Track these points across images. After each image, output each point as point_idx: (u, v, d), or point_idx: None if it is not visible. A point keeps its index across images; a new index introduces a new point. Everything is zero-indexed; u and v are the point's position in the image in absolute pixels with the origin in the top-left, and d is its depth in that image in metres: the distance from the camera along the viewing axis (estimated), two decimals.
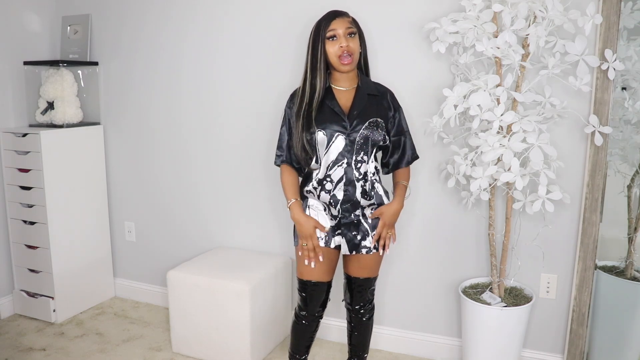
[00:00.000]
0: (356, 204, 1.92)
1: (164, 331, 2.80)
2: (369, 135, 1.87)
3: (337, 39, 1.83)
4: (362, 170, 1.90)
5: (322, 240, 1.93)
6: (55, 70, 2.89)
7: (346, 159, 1.88)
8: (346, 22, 1.85)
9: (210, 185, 2.86)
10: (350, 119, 1.87)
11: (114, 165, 3.12)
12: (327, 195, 1.92)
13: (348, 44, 1.82)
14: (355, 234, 1.94)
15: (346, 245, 1.95)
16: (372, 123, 1.88)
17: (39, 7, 3.01)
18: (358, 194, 1.91)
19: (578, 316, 2.22)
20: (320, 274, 1.97)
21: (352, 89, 1.93)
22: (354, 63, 1.86)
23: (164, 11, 2.80)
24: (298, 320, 2.08)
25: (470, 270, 2.40)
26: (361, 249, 1.95)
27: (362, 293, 2.04)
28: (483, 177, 1.95)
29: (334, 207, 1.92)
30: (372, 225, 1.95)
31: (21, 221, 2.88)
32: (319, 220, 1.92)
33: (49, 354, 2.57)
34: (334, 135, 1.87)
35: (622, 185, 2.29)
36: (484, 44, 1.88)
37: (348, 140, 1.87)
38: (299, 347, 2.13)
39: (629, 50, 2.17)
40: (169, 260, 3.03)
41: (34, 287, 2.93)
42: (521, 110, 2.00)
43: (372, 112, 1.90)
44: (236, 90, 2.69)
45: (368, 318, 2.10)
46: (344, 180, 1.90)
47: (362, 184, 1.91)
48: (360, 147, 1.88)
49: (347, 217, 1.93)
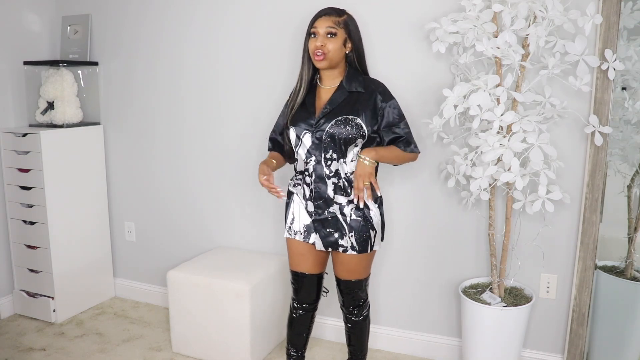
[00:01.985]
0: (329, 201, 1.93)
1: (164, 331, 2.80)
2: (336, 132, 1.87)
3: (317, 36, 1.88)
4: (332, 167, 1.90)
5: (300, 235, 1.99)
6: (55, 70, 2.89)
7: (314, 156, 1.91)
8: (330, 21, 1.87)
9: (210, 185, 2.86)
10: (319, 117, 1.90)
11: (114, 165, 3.12)
12: (308, 188, 1.96)
13: (323, 43, 1.86)
14: (331, 231, 1.94)
15: (320, 241, 1.96)
16: (341, 121, 1.87)
17: (39, 7, 3.01)
18: (330, 190, 1.92)
19: (578, 316, 2.22)
20: (308, 266, 2.03)
21: (334, 87, 1.95)
22: (328, 62, 1.88)
23: (164, 11, 2.80)
24: (293, 311, 2.12)
25: (470, 270, 2.40)
26: (338, 247, 1.95)
27: (351, 295, 2.04)
28: (483, 177, 1.95)
29: (310, 201, 1.96)
30: (350, 225, 1.93)
31: (21, 221, 2.88)
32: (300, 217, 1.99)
33: (49, 354, 2.57)
34: (302, 133, 1.92)
35: (622, 185, 2.29)
36: (484, 44, 1.88)
37: (315, 137, 1.90)
38: (294, 340, 2.16)
39: (629, 50, 2.17)
40: (168, 260, 3.03)
41: (34, 287, 2.93)
42: (521, 110, 2.00)
43: (346, 109, 1.89)
44: (236, 90, 2.69)
45: (363, 319, 2.10)
46: (314, 177, 1.93)
47: (334, 181, 1.91)
48: (328, 145, 1.89)
49: (319, 214, 1.94)
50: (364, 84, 1.93)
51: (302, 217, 1.99)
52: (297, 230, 2.00)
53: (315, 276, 2.05)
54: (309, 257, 2.01)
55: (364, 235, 1.93)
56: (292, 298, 2.12)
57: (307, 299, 2.08)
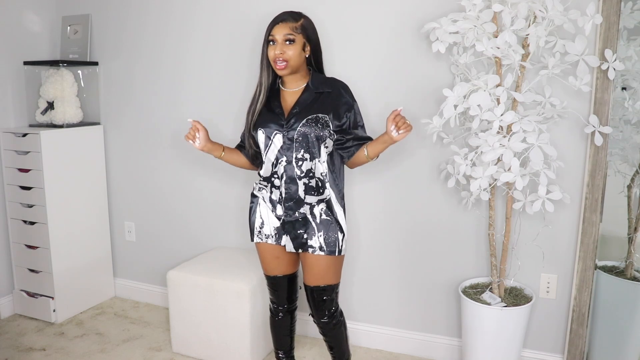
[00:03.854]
0: (300, 202, 1.92)
1: (164, 331, 2.80)
2: (308, 132, 1.87)
3: (275, 44, 1.87)
4: (304, 167, 1.90)
5: (272, 238, 1.99)
6: (55, 70, 2.90)
7: (285, 157, 1.90)
8: (287, 28, 1.86)
9: (210, 185, 2.86)
10: (289, 117, 1.89)
11: (114, 165, 3.13)
12: (277, 192, 1.95)
13: (283, 50, 1.85)
14: (302, 232, 1.94)
15: (291, 243, 1.96)
16: (311, 120, 1.87)
17: (39, 7, 3.01)
18: (301, 191, 1.91)
19: (578, 316, 2.22)
20: (283, 268, 2.04)
21: (299, 89, 1.95)
22: (290, 68, 1.88)
23: (164, 11, 2.80)
24: (275, 315, 2.14)
25: (470, 270, 2.40)
26: (307, 248, 1.94)
27: (320, 303, 2.00)
28: (483, 177, 1.95)
29: (280, 204, 1.94)
30: (319, 224, 1.93)
31: (21, 221, 2.88)
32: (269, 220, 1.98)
33: (49, 354, 2.57)
34: (272, 133, 1.91)
35: (622, 185, 2.29)
36: (484, 44, 1.88)
37: (286, 138, 1.89)
38: (281, 342, 2.18)
39: (629, 50, 2.17)
40: (169, 260, 3.03)
41: (34, 287, 2.93)
42: (521, 110, 2.00)
43: (315, 109, 1.90)
44: (237, 90, 2.69)
45: (335, 325, 2.05)
46: (285, 178, 1.92)
47: (305, 182, 1.91)
48: (300, 145, 1.89)
49: (290, 215, 1.94)
50: (330, 83, 1.95)
51: (271, 221, 1.98)
52: (268, 234, 1.99)
53: (292, 275, 2.07)
54: (283, 259, 2.02)
55: (332, 236, 1.93)
56: (272, 302, 2.13)
57: (287, 299, 2.10)
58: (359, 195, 2.53)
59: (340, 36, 2.42)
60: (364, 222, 2.54)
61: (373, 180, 2.49)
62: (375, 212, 2.52)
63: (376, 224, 2.53)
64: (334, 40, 2.42)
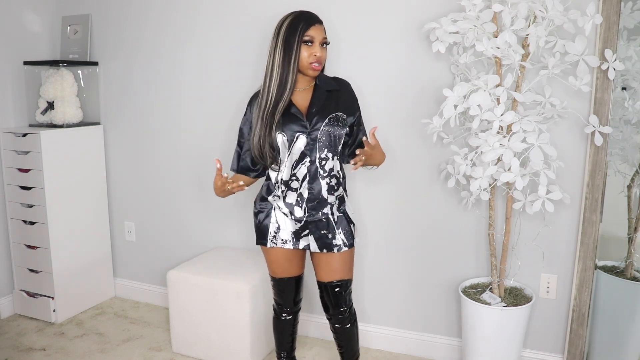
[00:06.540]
0: (323, 202, 1.92)
1: (164, 331, 2.80)
2: (331, 131, 1.87)
3: (313, 45, 1.83)
4: (327, 167, 1.90)
5: (290, 242, 1.96)
6: (55, 70, 2.90)
7: (309, 157, 1.88)
8: (323, 31, 1.86)
9: (210, 185, 2.86)
10: (310, 117, 1.87)
11: (114, 165, 3.13)
12: (294, 194, 1.92)
13: (321, 52, 1.85)
14: (326, 232, 1.94)
15: (315, 243, 1.95)
16: (333, 118, 1.88)
17: (39, 7, 3.01)
18: (324, 191, 1.91)
19: (578, 316, 2.22)
20: (293, 270, 2.03)
21: (309, 87, 1.94)
22: (320, 71, 1.89)
23: (164, 11, 2.80)
24: (279, 316, 2.13)
25: (470, 270, 2.40)
26: (333, 247, 1.94)
27: (338, 298, 1.99)
28: (483, 177, 1.95)
29: (300, 206, 1.92)
30: (337, 222, 1.94)
31: (21, 221, 2.88)
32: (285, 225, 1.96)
33: (49, 354, 2.57)
34: (295, 135, 1.86)
35: (622, 185, 2.29)
36: (484, 44, 1.88)
37: (309, 138, 1.87)
38: (284, 343, 2.17)
39: (629, 50, 2.17)
40: (169, 260, 3.03)
41: (34, 287, 2.93)
42: (521, 110, 2.00)
43: (332, 107, 1.90)
44: (237, 90, 2.69)
45: (350, 325, 2.06)
46: (307, 179, 1.90)
47: (328, 181, 1.91)
48: (324, 144, 1.88)
49: (313, 216, 1.93)
50: (336, 82, 1.96)
51: (288, 225, 1.96)
52: (285, 239, 1.97)
53: (299, 277, 2.08)
54: (295, 261, 2.02)
55: (349, 229, 1.96)
56: (277, 304, 2.11)
57: (293, 301, 2.10)
58: (358, 195, 2.53)
59: (350, 38, 2.41)
60: (363, 222, 2.54)
61: (373, 180, 2.49)
62: (374, 212, 2.52)
63: (376, 224, 2.53)
64: (344, 41, 2.41)
